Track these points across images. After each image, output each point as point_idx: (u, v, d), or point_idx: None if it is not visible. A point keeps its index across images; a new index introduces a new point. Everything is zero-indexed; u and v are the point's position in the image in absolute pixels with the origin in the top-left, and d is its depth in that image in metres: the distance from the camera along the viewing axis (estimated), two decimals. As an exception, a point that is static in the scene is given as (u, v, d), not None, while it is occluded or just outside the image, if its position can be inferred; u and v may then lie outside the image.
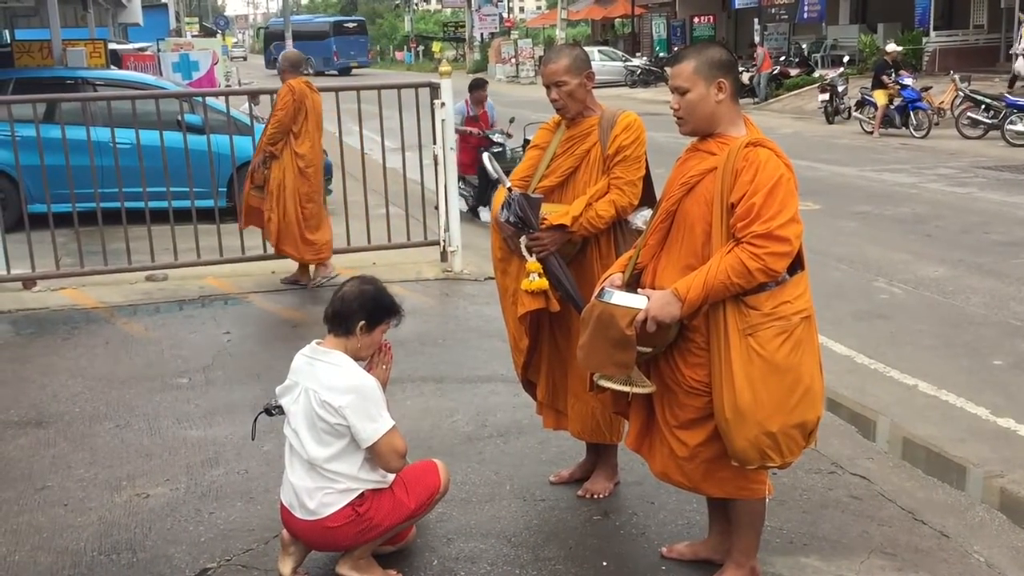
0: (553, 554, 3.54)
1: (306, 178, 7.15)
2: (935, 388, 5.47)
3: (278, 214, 7.14)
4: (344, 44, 50.94)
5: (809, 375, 2.97)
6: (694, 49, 3.10)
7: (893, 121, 18.04)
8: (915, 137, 17.46)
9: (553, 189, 3.77)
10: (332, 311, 3.29)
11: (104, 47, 13.75)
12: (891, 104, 18.00)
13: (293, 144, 7.08)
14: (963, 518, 3.90)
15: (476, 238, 8.80)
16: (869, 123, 18.61)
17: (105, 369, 5.69)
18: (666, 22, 39.49)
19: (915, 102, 17.73)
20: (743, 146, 2.95)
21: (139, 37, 26.72)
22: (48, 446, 4.59)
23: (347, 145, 8.98)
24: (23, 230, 7.42)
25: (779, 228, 2.86)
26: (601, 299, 3.08)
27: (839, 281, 7.74)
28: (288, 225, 7.14)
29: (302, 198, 7.15)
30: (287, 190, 7.10)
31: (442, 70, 7.80)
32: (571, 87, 3.67)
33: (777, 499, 3.84)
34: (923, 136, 17.39)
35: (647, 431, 3.29)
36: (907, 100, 17.78)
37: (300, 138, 7.11)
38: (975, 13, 26.83)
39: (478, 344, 6.00)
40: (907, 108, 17.78)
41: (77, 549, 3.63)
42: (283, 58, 7.47)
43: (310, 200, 7.20)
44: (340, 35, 51.44)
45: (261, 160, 7.15)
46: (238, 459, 4.37)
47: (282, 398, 3.33)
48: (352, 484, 3.21)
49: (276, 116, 7.04)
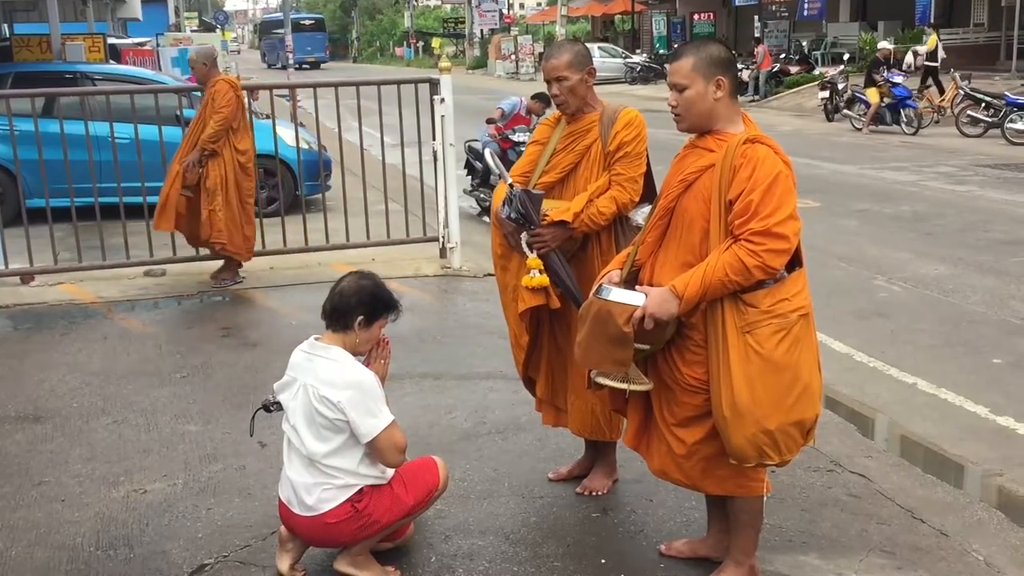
0: (551, 551, 3.53)
1: (247, 174, 7.14)
2: (934, 386, 5.47)
3: (225, 211, 7.04)
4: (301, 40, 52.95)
5: (807, 373, 2.96)
6: (693, 46, 3.09)
7: (884, 118, 18.12)
8: (906, 134, 17.57)
9: (553, 185, 3.76)
10: (330, 307, 3.28)
11: (103, 42, 13.72)
12: (882, 102, 18.05)
13: (233, 141, 7.05)
14: (962, 516, 3.89)
15: (475, 235, 8.80)
16: (859, 120, 18.68)
17: (103, 364, 5.68)
18: (666, 19, 39.48)
19: (906, 100, 17.88)
20: (741, 143, 2.94)
21: (138, 32, 26.68)
22: (45, 441, 4.58)
23: (346, 141, 8.96)
24: (21, 225, 7.41)
25: (777, 225, 2.85)
26: (599, 296, 3.07)
27: (839, 279, 7.74)
28: (233, 221, 7.09)
29: (244, 194, 7.13)
30: (230, 186, 7.05)
31: (442, 66, 7.79)
32: (572, 83, 3.66)
33: (776, 497, 3.84)
34: (913, 133, 17.52)
35: (645, 429, 3.29)
36: (898, 98, 17.86)
37: (239, 134, 7.10)
38: (975, 11, 26.84)
39: (477, 341, 6.00)
40: (898, 106, 17.87)
41: (74, 545, 3.62)
42: (202, 54, 7.21)
43: (250, 196, 7.21)
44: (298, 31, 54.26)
45: (197, 159, 6.98)
46: (236, 455, 4.36)
47: (280, 394, 3.32)
48: (351, 480, 3.20)
49: (222, 114, 6.93)
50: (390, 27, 75.63)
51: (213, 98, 6.97)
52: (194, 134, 7.06)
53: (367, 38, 78.82)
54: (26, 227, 7.30)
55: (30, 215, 7.48)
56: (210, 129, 6.94)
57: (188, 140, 7.10)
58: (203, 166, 7.00)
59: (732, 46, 31.64)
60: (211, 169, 7.02)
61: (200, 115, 7.09)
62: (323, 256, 7.91)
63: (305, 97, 15.36)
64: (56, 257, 7.49)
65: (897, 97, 17.88)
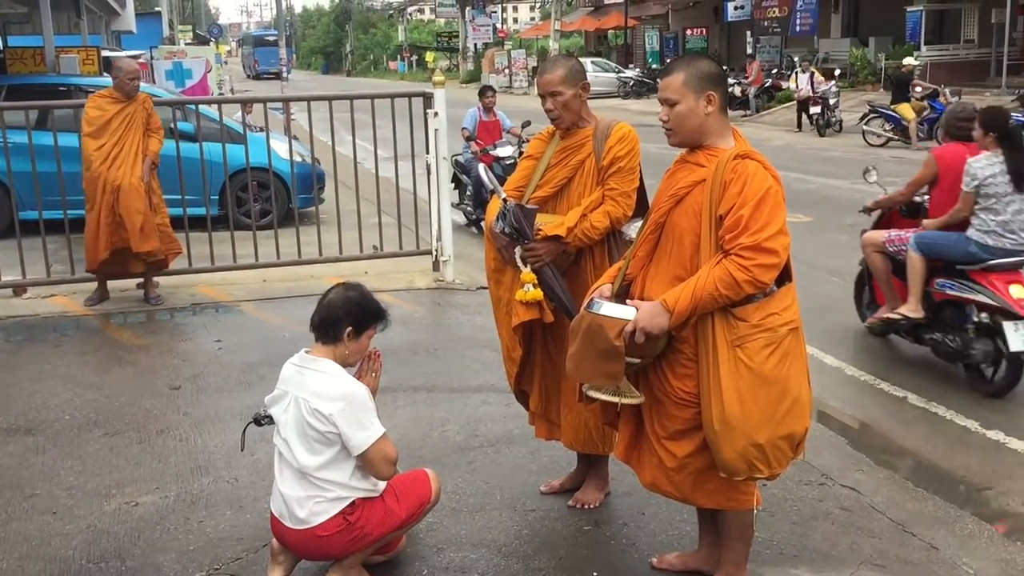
0: (544, 564, 3.54)
1: (155, 179, 7.16)
2: (925, 400, 5.49)
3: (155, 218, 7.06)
4: (264, 54, 61.66)
5: (797, 386, 2.98)
6: (684, 61, 3.12)
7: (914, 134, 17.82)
8: (907, 148, 17.43)
9: (547, 200, 3.78)
10: (319, 319, 3.29)
11: (97, 54, 13.72)
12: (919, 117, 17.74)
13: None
14: (952, 530, 3.91)
15: (468, 248, 8.81)
16: (881, 136, 18.36)
17: (95, 377, 5.67)
18: (659, 34, 39.66)
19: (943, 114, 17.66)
20: (731, 158, 2.97)
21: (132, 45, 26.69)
22: (37, 453, 4.57)
23: (340, 154, 8.97)
24: (14, 236, 7.41)
25: (767, 240, 2.87)
26: (590, 310, 3.09)
27: (830, 293, 7.76)
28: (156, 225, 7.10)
29: (158, 198, 7.15)
30: (154, 192, 7.09)
31: (435, 80, 7.81)
32: (566, 97, 3.69)
33: (767, 510, 3.85)
34: None
35: (636, 442, 3.30)
36: (939, 112, 17.72)
37: None
38: (966, 28, 27.01)
39: (469, 354, 6.00)
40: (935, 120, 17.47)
41: (66, 557, 3.61)
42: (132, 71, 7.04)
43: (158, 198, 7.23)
44: (260, 47, 63.59)
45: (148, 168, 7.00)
46: (228, 468, 4.36)
47: (271, 407, 3.32)
48: (343, 492, 3.21)
49: (161, 129, 7.09)
50: (384, 41, 75.96)
51: (151, 114, 7.04)
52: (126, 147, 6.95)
53: (361, 51, 79.11)
54: (19, 239, 7.30)
55: (23, 227, 7.48)
56: (158, 144, 7.03)
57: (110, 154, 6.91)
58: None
59: (724, 61, 31.86)
60: (154, 182, 7.07)
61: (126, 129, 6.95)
62: (316, 269, 7.91)
63: (299, 110, 15.40)
64: (49, 269, 7.48)
65: (938, 111, 17.72)
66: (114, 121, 6.94)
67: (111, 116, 6.93)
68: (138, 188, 6.90)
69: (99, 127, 6.92)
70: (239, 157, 8.59)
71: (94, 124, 6.92)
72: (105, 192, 6.86)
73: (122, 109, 6.96)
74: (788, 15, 29.78)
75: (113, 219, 6.89)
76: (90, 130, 6.92)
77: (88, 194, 6.95)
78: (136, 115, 7.00)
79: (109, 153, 6.89)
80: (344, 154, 9.35)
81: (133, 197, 6.88)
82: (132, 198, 6.87)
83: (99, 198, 6.87)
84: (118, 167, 6.88)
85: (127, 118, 6.97)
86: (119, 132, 6.94)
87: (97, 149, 6.89)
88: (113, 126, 6.94)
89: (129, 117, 6.98)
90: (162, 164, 7.43)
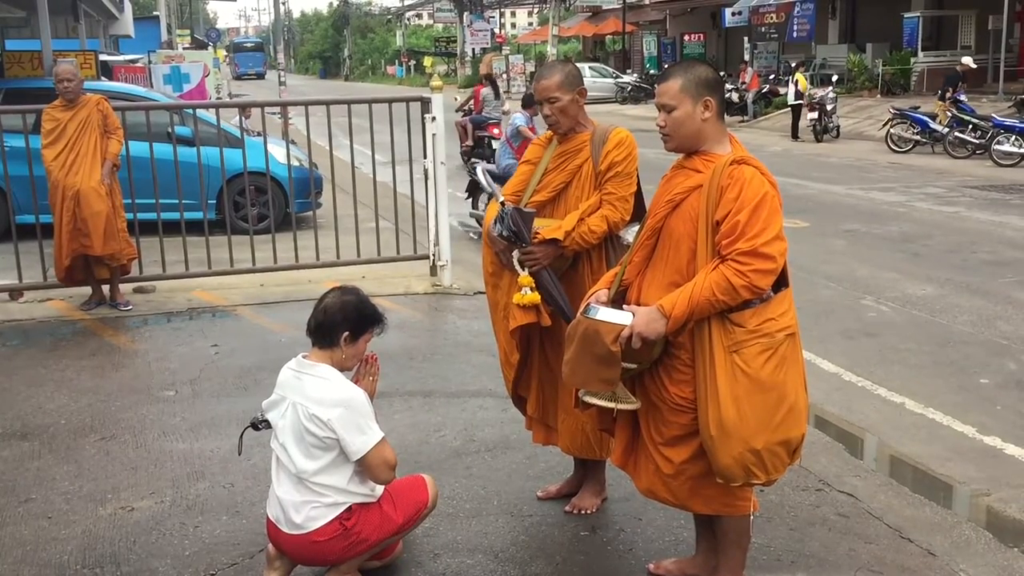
0: (540, 570, 3.53)
1: (115, 180, 7.12)
2: (922, 406, 5.49)
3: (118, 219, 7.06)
4: (243, 58, 69.71)
5: (793, 392, 2.98)
6: (681, 67, 3.12)
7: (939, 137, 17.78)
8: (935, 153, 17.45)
9: (545, 204, 3.78)
10: (315, 323, 3.28)
11: (95, 58, 13.73)
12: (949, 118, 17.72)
13: None
14: (949, 536, 3.91)
15: (466, 252, 8.81)
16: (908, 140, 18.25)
17: (91, 381, 5.66)
18: (657, 39, 39.76)
19: None
20: (728, 164, 2.97)
21: (130, 49, 26.73)
22: (32, 458, 4.56)
23: (337, 159, 8.97)
24: (10, 241, 7.40)
25: (764, 245, 2.87)
26: (586, 315, 3.09)
27: (827, 299, 7.77)
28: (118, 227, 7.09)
29: (119, 200, 7.12)
30: (115, 194, 7.07)
31: (433, 85, 7.82)
32: (563, 103, 3.69)
33: (764, 516, 3.84)
34: None
35: (632, 448, 3.29)
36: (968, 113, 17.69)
37: None
38: (963, 34, 27.09)
39: (467, 359, 6.00)
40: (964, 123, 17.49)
41: (61, 562, 3.60)
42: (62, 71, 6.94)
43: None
44: (240, 52, 72.06)
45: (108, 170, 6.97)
46: (224, 473, 4.35)
47: (269, 412, 3.31)
48: (340, 498, 3.20)
49: (121, 130, 7.07)
50: (382, 46, 76.13)
51: (106, 116, 6.98)
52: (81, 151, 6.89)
53: (359, 56, 79.21)
54: (15, 243, 7.29)
55: (19, 231, 7.47)
56: (117, 145, 7.00)
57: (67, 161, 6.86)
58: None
59: (722, 67, 31.91)
60: (115, 185, 7.05)
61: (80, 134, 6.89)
62: (313, 273, 7.91)
63: (296, 114, 15.40)
64: (45, 273, 7.47)
65: (968, 114, 17.69)
66: (68, 128, 6.90)
67: (64, 123, 6.90)
68: (98, 190, 6.87)
69: (55, 137, 6.90)
70: (236, 161, 8.59)
71: (50, 135, 6.90)
72: (65, 198, 6.84)
73: (74, 115, 6.91)
74: (785, 21, 29.86)
75: (74, 226, 6.87)
76: (46, 141, 6.91)
77: (51, 203, 6.94)
78: (90, 119, 6.94)
79: (66, 160, 6.86)
80: (342, 158, 9.35)
81: (93, 199, 6.85)
82: (92, 200, 6.84)
83: (60, 205, 6.86)
84: (75, 172, 6.85)
85: (80, 123, 6.92)
86: (74, 138, 6.91)
87: (55, 159, 6.87)
88: (68, 133, 6.90)
89: (82, 122, 6.92)
90: (160, 168, 7.43)
